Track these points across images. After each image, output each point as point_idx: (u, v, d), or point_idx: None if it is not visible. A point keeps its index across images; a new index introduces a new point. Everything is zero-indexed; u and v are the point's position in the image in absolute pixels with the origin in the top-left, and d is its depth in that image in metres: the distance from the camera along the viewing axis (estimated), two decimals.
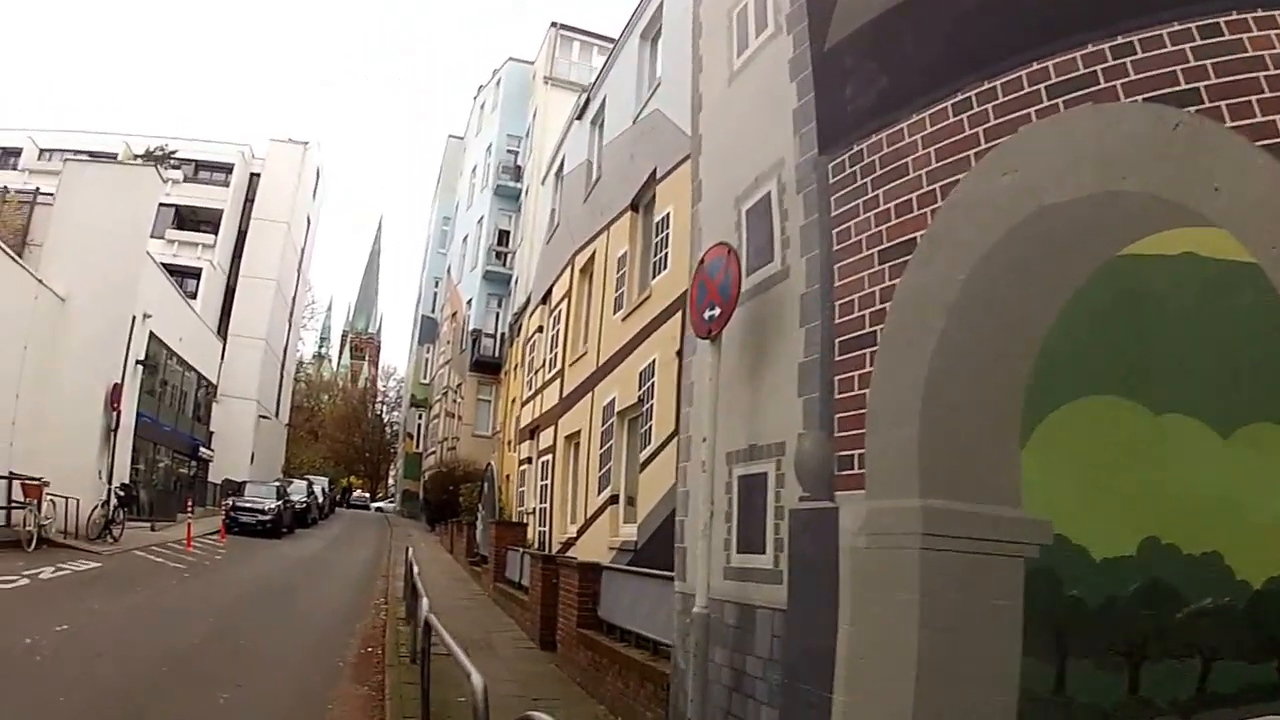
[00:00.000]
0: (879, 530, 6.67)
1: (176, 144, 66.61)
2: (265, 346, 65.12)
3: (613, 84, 24.76)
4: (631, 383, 18.01)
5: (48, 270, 29.60)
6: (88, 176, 32.59)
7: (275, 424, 72.22)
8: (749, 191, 9.63)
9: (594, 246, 23.61)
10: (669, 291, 16.35)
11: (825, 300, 7.70)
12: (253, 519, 39.17)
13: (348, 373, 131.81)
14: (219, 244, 64.30)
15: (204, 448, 52.08)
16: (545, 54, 52.20)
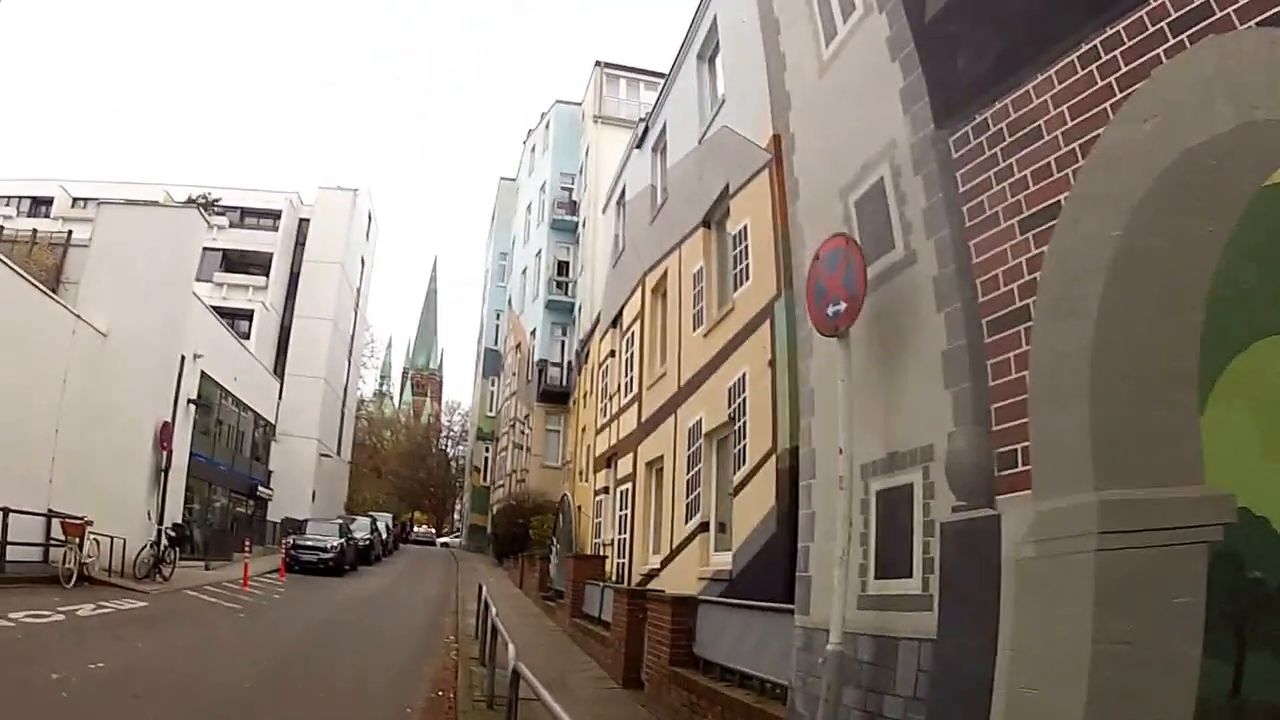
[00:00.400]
0: (1049, 535, 6.02)
1: (219, 193, 67.60)
2: (324, 385, 65.67)
3: (672, 108, 24.63)
4: (719, 401, 17.28)
5: (86, 307, 29.32)
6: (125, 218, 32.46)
7: (337, 462, 72.44)
8: (856, 181, 9.23)
9: (665, 265, 23.14)
10: (753, 303, 15.88)
11: (964, 280, 7.25)
12: (314, 557, 38.65)
13: (410, 409, 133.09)
14: (271, 286, 65.31)
15: (262, 487, 52.02)
16: (592, 93, 53.02)
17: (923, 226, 7.90)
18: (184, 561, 31.57)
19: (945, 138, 7.73)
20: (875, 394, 8.25)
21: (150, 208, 33.24)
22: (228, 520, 46.13)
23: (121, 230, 31.60)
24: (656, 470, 22.45)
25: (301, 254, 68.54)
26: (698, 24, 22.36)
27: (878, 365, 8.32)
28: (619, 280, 30.03)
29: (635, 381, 25.63)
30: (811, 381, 9.77)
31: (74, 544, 23.83)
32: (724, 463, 17.44)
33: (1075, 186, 6.25)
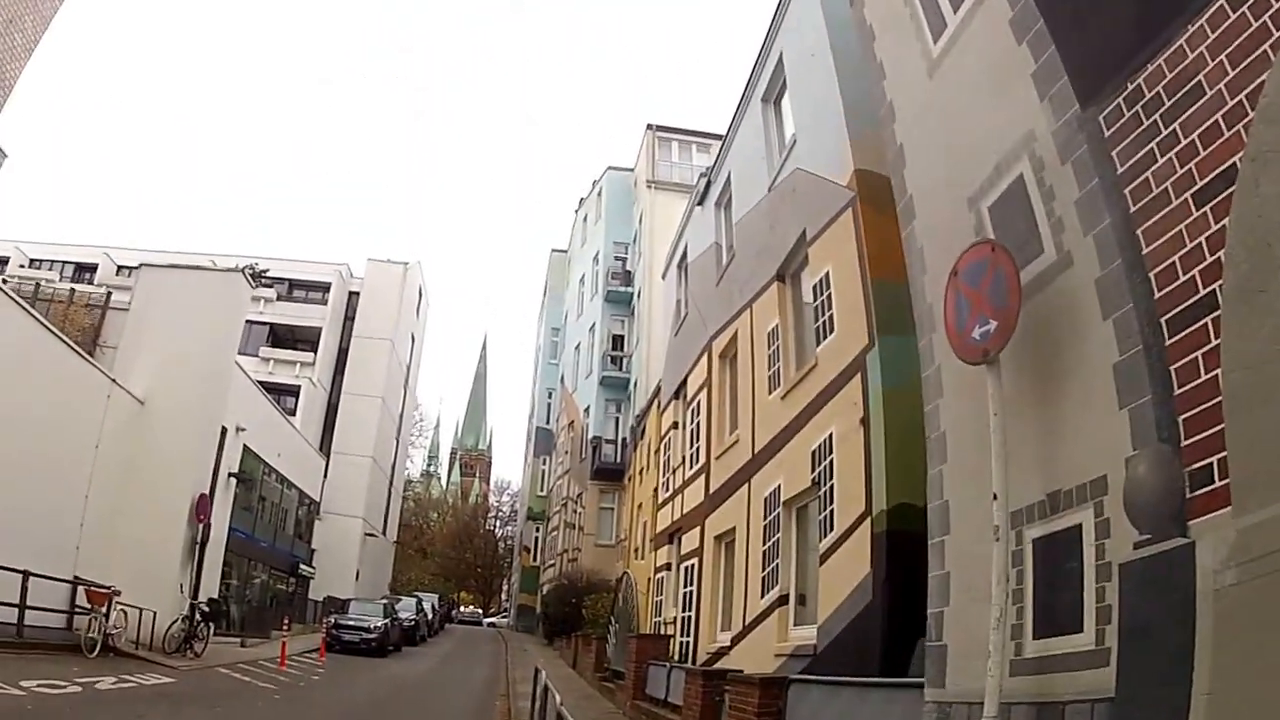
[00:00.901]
0: (1255, 554, 5.15)
1: (267, 264, 65.87)
2: (372, 464, 65.08)
3: (736, 159, 24.09)
4: (800, 466, 16.20)
5: (123, 372, 28.56)
6: (166, 281, 31.47)
7: (382, 541, 71.72)
8: (989, 184, 8.41)
9: (734, 328, 22.23)
10: (839, 357, 14.96)
11: (1134, 276, 6.42)
12: (356, 637, 37.31)
13: (458, 490, 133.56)
14: (318, 361, 64.90)
15: (304, 565, 51.23)
16: (645, 157, 53.48)
17: (1077, 222, 7.05)
18: (219, 638, 30.71)
19: (1094, 116, 6.97)
20: (1027, 428, 7.30)
21: (193, 271, 32.09)
22: (267, 597, 45.22)
23: (163, 293, 30.80)
24: (726, 543, 21.34)
25: (351, 329, 68.34)
26: (762, 64, 21.93)
27: (1030, 393, 7.40)
28: (682, 348, 29.04)
29: (702, 452, 24.54)
30: (942, 425, 8.85)
31: (99, 613, 23.06)
32: (805, 531, 16.47)
33: (1249, 143, 5.50)
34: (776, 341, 18.88)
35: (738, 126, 24.17)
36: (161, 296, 30.64)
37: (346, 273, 70.80)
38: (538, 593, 63.80)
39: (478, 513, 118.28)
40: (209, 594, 32.26)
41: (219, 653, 28.32)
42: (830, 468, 14.78)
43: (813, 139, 17.60)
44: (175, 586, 28.02)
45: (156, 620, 26.18)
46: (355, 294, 69.95)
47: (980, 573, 7.26)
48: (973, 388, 7.78)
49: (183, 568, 28.88)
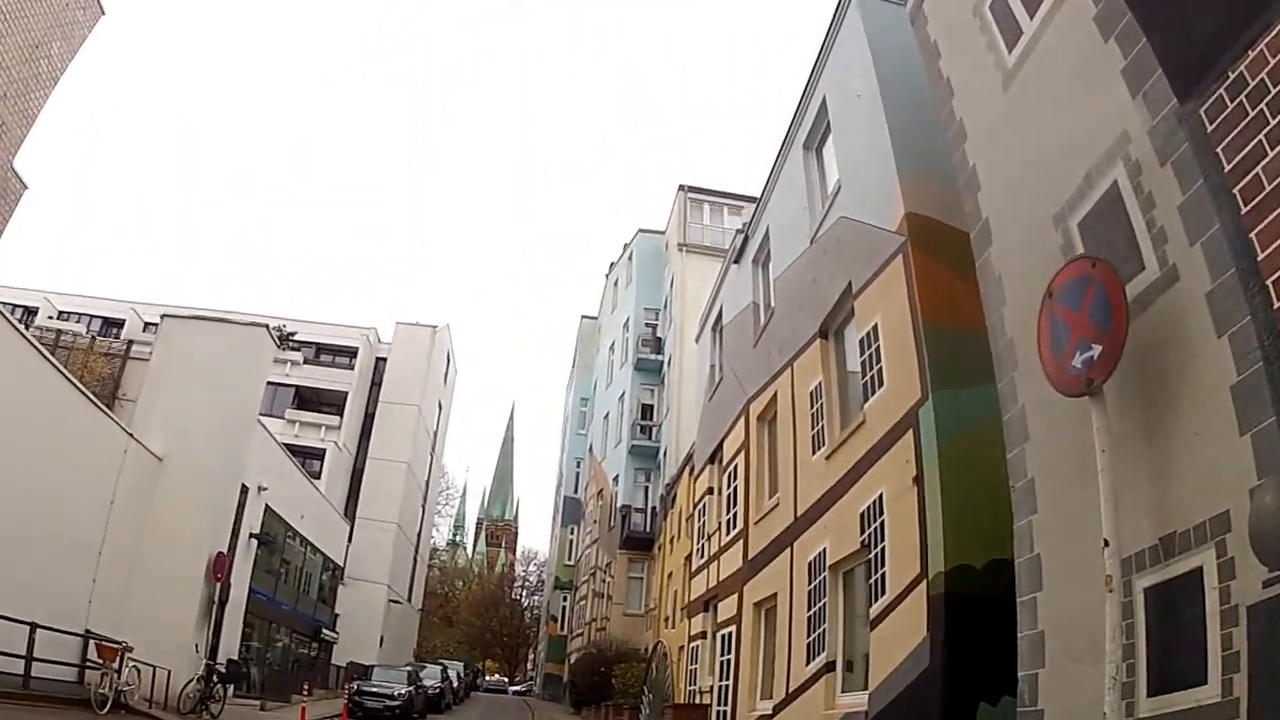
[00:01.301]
0: None
1: (295, 326, 66.44)
2: (397, 530, 64.31)
3: (775, 212, 23.60)
4: (848, 528, 15.50)
5: (141, 426, 28.06)
6: (189, 334, 30.98)
7: (407, 608, 71.04)
8: (1079, 197, 7.94)
9: (773, 388, 21.62)
10: (889, 413, 14.29)
11: (1250, 285, 5.87)
12: (379, 704, 36.04)
13: (484, 559, 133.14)
14: (344, 425, 64.42)
15: (327, 629, 50.57)
16: (676, 220, 53.38)
17: (1182, 230, 6.52)
18: (238, 700, 30.18)
19: (1194, 110, 6.49)
20: (1136, 465, 6.70)
21: (216, 323, 31.53)
22: (288, 660, 44.51)
23: (184, 346, 30.33)
24: (767, 610, 20.56)
25: (377, 394, 68.02)
26: (803, 110, 21.50)
27: (1137, 426, 6.80)
28: (717, 412, 28.43)
29: (739, 518, 23.80)
30: (1029, 471, 8.30)
31: (110, 668, 22.44)
32: (853, 596, 15.78)
33: None
34: (820, 400, 18.21)
35: (777, 178, 23.76)
36: (183, 349, 30.22)
37: (374, 337, 70.64)
38: (565, 661, 63.20)
39: (503, 582, 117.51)
40: (228, 655, 31.67)
41: (236, 715, 27.72)
42: (881, 529, 14.08)
43: (859, 185, 17.13)
44: (191, 645, 27.28)
45: (171, 679, 25.42)
46: (382, 360, 69.72)
47: (1081, 630, 6.70)
48: (1068, 424, 7.23)
49: (199, 626, 28.16)
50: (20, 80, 18.77)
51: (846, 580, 16.04)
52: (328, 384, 66.30)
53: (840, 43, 19.10)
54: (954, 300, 12.83)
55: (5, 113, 18.65)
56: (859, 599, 15.27)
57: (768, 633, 20.40)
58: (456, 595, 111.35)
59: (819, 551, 16.88)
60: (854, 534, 15.12)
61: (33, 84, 19.38)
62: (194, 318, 31.62)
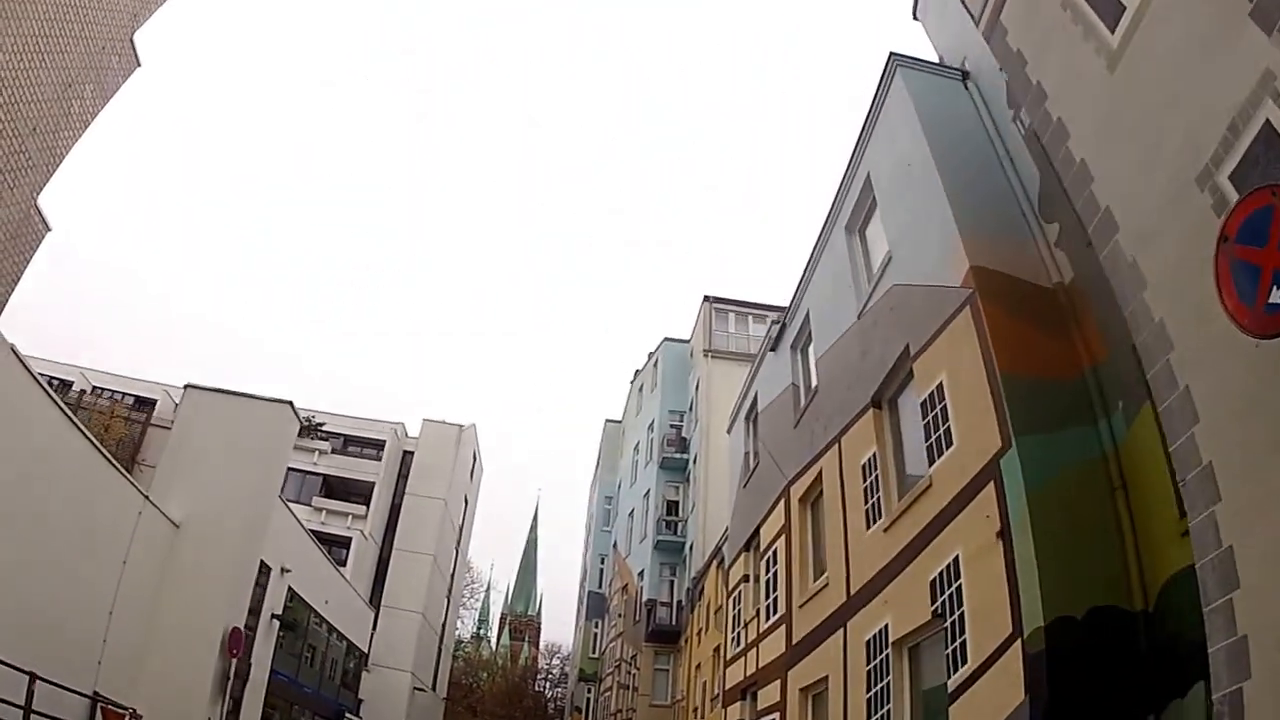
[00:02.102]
0: None
1: (323, 417, 66.13)
2: (422, 620, 62.77)
3: (814, 296, 22.93)
4: (915, 600, 13.89)
5: (160, 492, 26.43)
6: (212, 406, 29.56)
7: (432, 697, 68.79)
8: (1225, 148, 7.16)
9: (818, 467, 20.27)
10: (962, 470, 12.94)
11: None
12: None
13: (507, 652, 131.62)
14: (371, 515, 62.93)
15: (350, 713, 48.53)
16: (701, 328, 53.52)
17: None
18: None
19: None
20: None
21: (240, 398, 30.02)
22: None
23: (207, 417, 28.96)
24: (815, 695, 18.82)
25: (404, 486, 66.60)
26: (844, 194, 20.97)
27: None
28: (752, 499, 27.01)
29: (780, 602, 22.15)
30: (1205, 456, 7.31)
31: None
32: (921, 671, 14.17)
33: None
34: (874, 473, 16.80)
35: (816, 263, 23.05)
36: (205, 420, 28.83)
37: (402, 432, 69.47)
38: None
39: (527, 674, 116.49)
40: None
41: None
42: (957, 595, 12.54)
43: (912, 251, 16.23)
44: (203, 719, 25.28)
45: None
46: (409, 453, 68.50)
47: None
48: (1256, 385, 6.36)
49: (211, 702, 26.09)
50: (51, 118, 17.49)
51: (913, 656, 14.43)
52: (355, 474, 64.75)
53: (885, 118, 18.62)
54: (1028, 348, 12.25)
55: (33, 149, 17.32)
56: (928, 674, 13.80)
57: (816, 718, 18.66)
58: (480, 686, 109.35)
59: (879, 629, 15.24)
60: (923, 604, 13.57)
61: (61, 124, 18.11)
62: (218, 390, 29.98)
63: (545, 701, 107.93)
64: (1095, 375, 12.04)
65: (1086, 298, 12.38)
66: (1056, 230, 13.20)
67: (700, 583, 41.02)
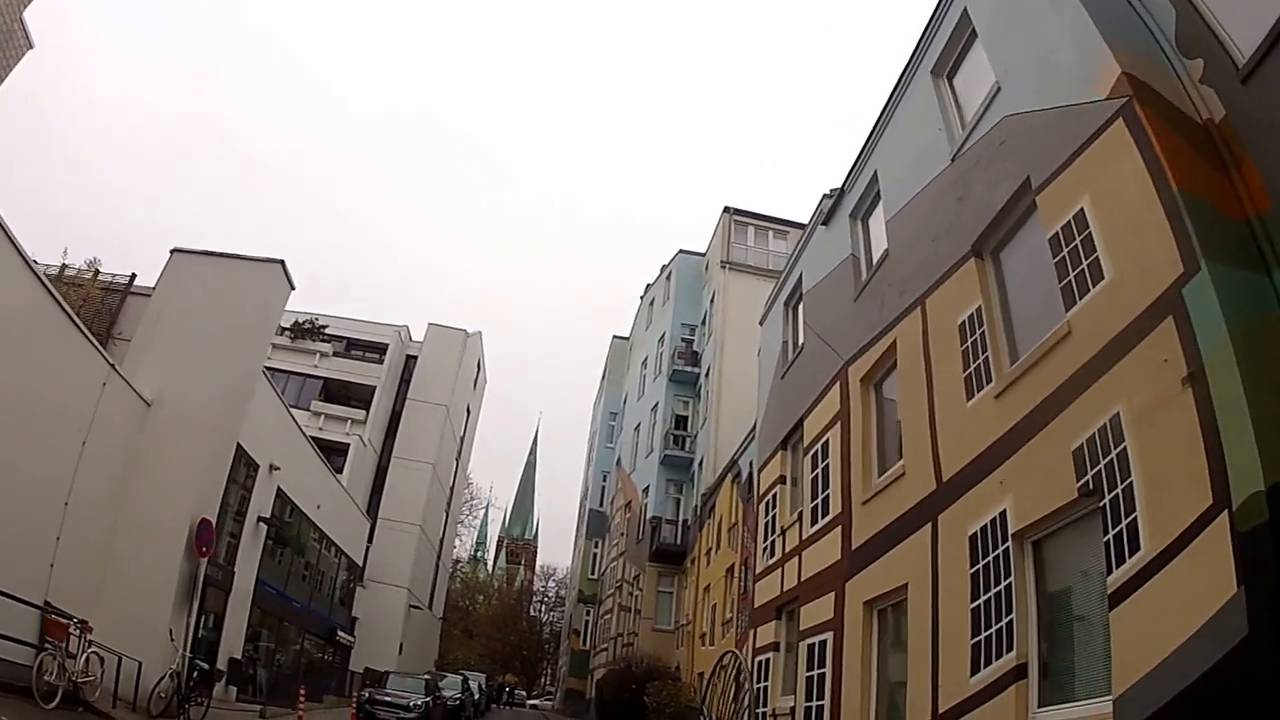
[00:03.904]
0: None
1: (326, 320, 63.59)
2: (420, 534, 60.59)
3: (888, 154, 19.99)
4: (1050, 476, 10.73)
5: (133, 367, 23.16)
6: (197, 271, 26.08)
7: (428, 616, 67.07)
8: None
9: (889, 339, 17.19)
10: (1119, 307, 10.01)
11: None
12: (393, 715, 31.19)
13: (504, 575, 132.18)
14: (370, 421, 60.25)
15: (343, 632, 46.42)
16: (720, 240, 52.21)
17: None
18: (242, 703, 26.15)
19: None
20: None
21: (228, 260, 26.28)
22: (300, 663, 39.77)
23: (191, 284, 25.56)
24: (884, 609, 15.74)
25: (406, 392, 64.18)
26: (933, 33, 17.96)
27: None
28: (793, 390, 23.85)
29: (833, 501, 18.94)
30: None
31: (58, 650, 17.21)
32: (1057, 568, 10.98)
33: None
34: (977, 331, 13.57)
35: (888, 120, 20.05)
36: (189, 287, 25.47)
37: (405, 335, 66.80)
38: (588, 677, 59.91)
39: (522, 597, 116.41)
40: (230, 653, 27.58)
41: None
42: (1119, 464, 9.44)
43: (1035, 73, 13.31)
44: (165, 631, 21.68)
45: (143, 672, 20.21)
46: (412, 358, 66.06)
47: None
48: None
49: (177, 610, 22.64)
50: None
51: (1041, 550, 11.22)
52: (356, 378, 61.93)
53: None
54: (1196, 170, 9.57)
55: None
56: (1064, 571, 10.83)
57: (891, 636, 15.53)
58: (477, 609, 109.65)
59: (990, 519, 11.99)
60: (1062, 481, 10.43)
61: None
62: (205, 253, 26.46)
63: (540, 626, 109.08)
64: (1261, 224, 9.22)
65: (1240, 141, 9.61)
66: (1200, 66, 10.42)
67: (711, 499, 39.22)
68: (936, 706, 12.37)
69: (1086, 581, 10.15)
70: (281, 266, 27.05)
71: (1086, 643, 10.00)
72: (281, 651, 37.06)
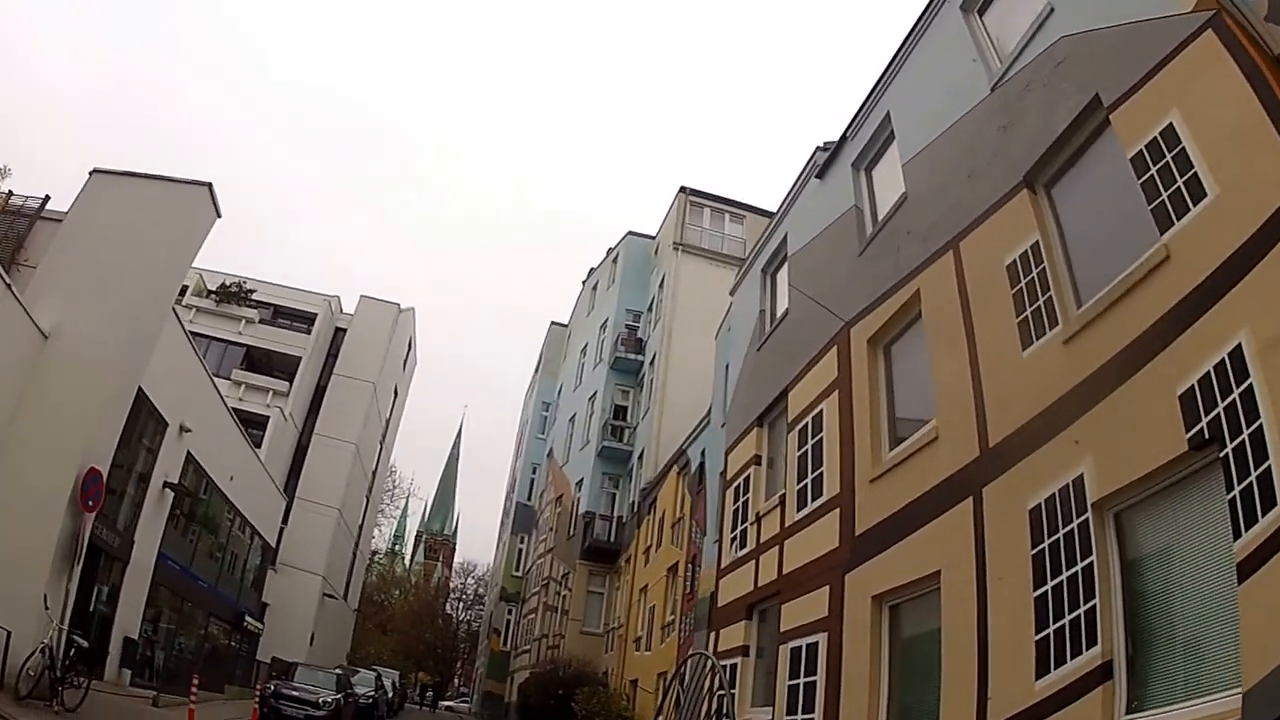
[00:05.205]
0: None
1: (255, 284, 61.59)
2: (339, 518, 58.51)
3: (904, 91, 18.52)
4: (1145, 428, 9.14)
5: (34, 296, 20.88)
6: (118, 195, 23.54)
7: (343, 607, 65.04)
8: None
9: (909, 291, 15.45)
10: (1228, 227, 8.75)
11: None
12: (301, 713, 28.80)
13: (421, 570, 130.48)
14: (293, 394, 57.86)
15: (251, 618, 44.23)
16: (674, 220, 50.41)
17: None
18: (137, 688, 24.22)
19: None
20: None
21: (151, 181, 23.57)
22: (203, 649, 37.57)
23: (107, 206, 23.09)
24: (903, 605, 13.77)
25: (332, 366, 61.87)
26: None
27: None
28: (775, 361, 22.11)
29: (828, 481, 17.03)
30: None
31: None
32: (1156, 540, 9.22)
33: None
34: (1035, 269, 11.91)
35: (906, 57, 18.56)
36: (104, 211, 23.05)
37: (336, 306, 64.66)
38: (508, 680, 57.94)
39: (439, 595, 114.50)
40: (126, 632, 25.56)
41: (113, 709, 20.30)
42: (1245, 403, 8.01)
43: None
44: (39, 597, 18.98)
45: (12, 645, 17.73)
46: (341, 330, 63.80)
47: None
48: None
49: (57, 574, 20.06)
50: None
51: (1124, 521, 9.49)
52: (281, 347, 59.47)
53: None
54: None
55: None
56: (1164, 545, 9.13)
57: (900, 638, 13.77)
58: (393, 603, 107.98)
59: (1061, 486, 10.16)
60: (1165, 433, 8.80)
61: None
62: (127, 174, 24.07)
63: (455, 625, 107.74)
64: None
65: None
66: (1265, 5, 9.56)
67: (653, 493, 37.81)
68: (984, 718, 10.47)
69: (1197, 554, 8.54)
70: (208, 190, 24.59)
71: (1194, 630, 8.38)
72: (184, 634, 34.96)
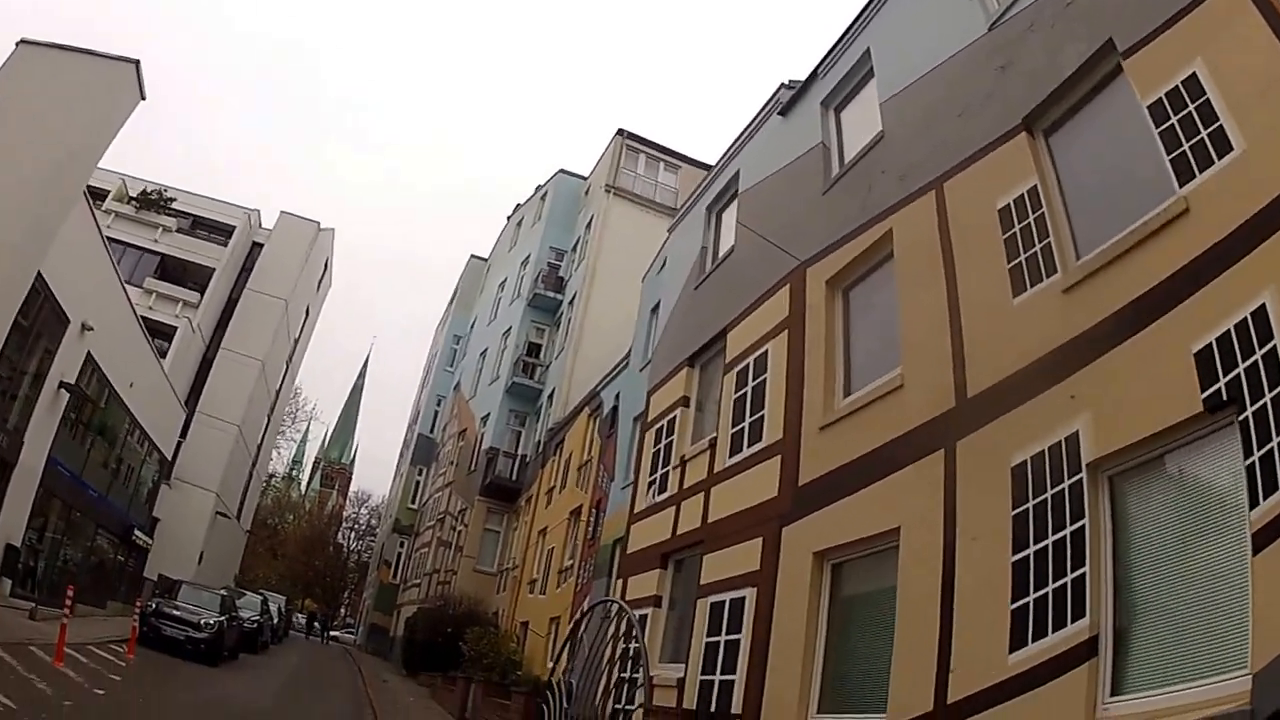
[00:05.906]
0: None
1: (176, 194, 60.27)
2: (238, 435, 57.29)
3: (887, 26, 17.62)
4: (1154, 387, 8.62)
5: None
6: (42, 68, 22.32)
7: (235, 527, 63.78)
8: None
9: (878, 231, 14.76)
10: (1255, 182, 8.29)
11: None
12: (182, 634, 27.23)
13: (316, 498, 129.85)
14: (204, 306, 56.56)
15: (140, 532, 43.08)
16: (608, 164, 50.07)
17: None
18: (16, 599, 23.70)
19: None
20: None
21: (78, 55, 22.55)
22: (89, 561, 36.39)
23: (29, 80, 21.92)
24: (847, 563, 13.14)
25: (245, 281, 60.35)
26: None
27: None
28: (715, 299, 21.34)
29: (769, 425, 16.26)
30: None
31: None
32: (1156, 506, 8.68)
33: None
34: (1032, 214, 11.28)
35: None
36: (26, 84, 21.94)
37: (256, 220, 62.97)
38: (395, 613, 57.94)
39: (331, 523, 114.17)
40: (7, 538, 24.64)
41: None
42: (1268, 364, 7.56)
43: None
44: None
45: None
46: (258, 245, 62.07)
47: None
48: None
49: None
50: None
51: (1121, 486, 8.94)
52: (197, 258, 57.99)
53: None
54: None
55: None
56: (1165, 511, 8.55)
57: (842, 598, 13.14)
58: (286, 528, 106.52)
59: (1052, 443, 9.56)
60: (1178, 392, 8.29)
61: None
62: (55, 46, 22.90)
63: (346, 555, 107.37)
64: None
65: None
66: None
67: (561, 434, 37.71)
68: (943, 692, 9.80)
69: (1202, 523, 8.14)
70: (135, 68, 23.41)
71: (1195, 606, 7.82)
72: (70, 545, 33.92)
